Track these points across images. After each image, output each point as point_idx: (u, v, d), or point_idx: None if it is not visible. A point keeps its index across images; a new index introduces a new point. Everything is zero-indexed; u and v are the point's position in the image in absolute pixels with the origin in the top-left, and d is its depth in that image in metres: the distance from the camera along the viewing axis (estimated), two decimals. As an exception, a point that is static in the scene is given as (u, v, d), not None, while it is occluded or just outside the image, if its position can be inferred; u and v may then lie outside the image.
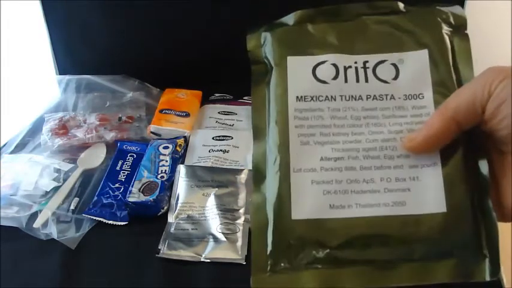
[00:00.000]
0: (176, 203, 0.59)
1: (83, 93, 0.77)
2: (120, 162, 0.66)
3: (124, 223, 0.58)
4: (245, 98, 0.77)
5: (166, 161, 0.63)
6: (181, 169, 0.62)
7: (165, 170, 0.62)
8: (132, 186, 0.60)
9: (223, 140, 0.68)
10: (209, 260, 0.53)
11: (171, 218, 0.58)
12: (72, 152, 0.68)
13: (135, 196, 0.58)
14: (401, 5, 0.38)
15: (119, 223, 0.58)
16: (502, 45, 0.78)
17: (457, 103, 0.32)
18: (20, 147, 0.70)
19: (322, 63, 0.37)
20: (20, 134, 0.72)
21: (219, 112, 0.74)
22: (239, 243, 0.54)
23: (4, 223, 0.58)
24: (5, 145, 0.70)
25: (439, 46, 0.36)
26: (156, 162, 0.63)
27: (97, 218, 0.58)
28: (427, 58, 0.36)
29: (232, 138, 0.68)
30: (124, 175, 0.64)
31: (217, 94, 0.79)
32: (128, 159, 0.66)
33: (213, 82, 0.78)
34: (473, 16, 0.38)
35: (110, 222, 0.58)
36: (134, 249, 0.55)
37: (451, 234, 0.32)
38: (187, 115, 0.72)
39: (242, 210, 0.57)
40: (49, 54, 0.80)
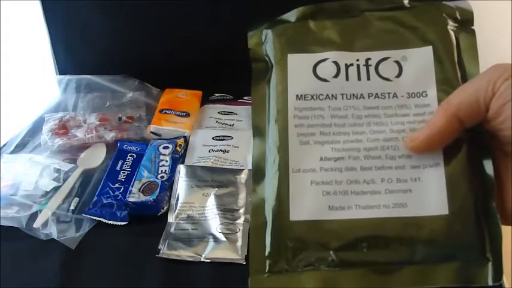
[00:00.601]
0: (176, 203, 0.59)
1: (83, 93, 0.77)
2: (120, 162, 0.66)
3: (124, 223, 0.58)
4: (245, 98, 0.77)
5: (166, 161, 0.63)
6: (181, 169, 0.62)
7: (165, 170, 0.62)
8: (132, 186, 0.60)
9: (223, 140, 0.68)
10: (209, 260, 0.53)
11: (171, 218, 0.58)
12: (72, 152, 0.68)
13: (135, 196, 0.58)
14: (405, 0, 0.37)
15: (119, 223, 0.58)
16: (502, 45, 0.78)
17: (460, 99, 0.31)
18: (20, 147, 0.70)
19: (323, 60, 0.36)
20: (20, 134, 0.72)
21: (219, 112, 0.74)
22: (239, 243, 0.54)
23: (4, 223, 0.58)
24: (5, 145, 0.70)
25: (444, 42, 0.36)
26: (156, 162, 0.63)
27: (97, 218, 0.58)
28: (431, 55, 0.35)
29: (232, 138, 0.68)
30: (124, 175, 0.64)
31: (217, 94, 0.79)
32: (128, 159, 0.66)
33: (213, 82, 0.78)
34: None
35: (110, 222, 0.58)
36: (134, 249, 0.55)
37: (454, 237, 0.31)
38: (187, 115, 0.72)
39: (242, 210, 0.57)
40: (49, 54, 0.80)
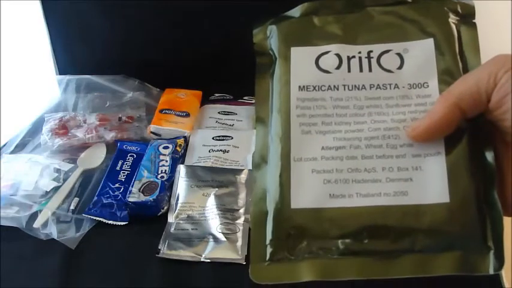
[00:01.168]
0: (176, 203, 0.59)
1: (83, 93, 0.77)
2: (120, 162, 0.66)
3: (124, 223, 0.58)
4: (245, 98, 0.77)
5: (166, 161, 0.63)
6: (181, 169, 0.62)
7: (165, 170, 0.62)
8: (132, 186, 0.60)
9: (223, 140, 0.68)
10: (209, 260, 0.53)
11: (171, 218, 0.58)
12: (72, 152, 0.68)
13: (135, 196, 0.58)
14: None
15: (119, 223, 0.58)
16: (503, 45, 0.78)
17: (462, 89, 0.31)
18: (20, 147, 0.70)
19: (325, 53, 0.37)
20: (20, 134, 0.72)
21: (219, 112, 0.74)
22: (239, 243, 0.54)
23: (4, 223, 0.58)
24: (5, 145, 0.70)
25: (445, 35, 0.36)
26: (156, 162, 0.63)
27: (97, 218, 0.58)
28: (433, 47, 0.36)
29: (232, 138, 0.68)
30: (124, 175, 0.64)
31: (217, 94, 0.79)
32: (128, 159, 0.66)
33: (213, 82, 0.78)
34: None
35: (110, 222, 0.58)
36: (134, 249, 0.55)
37: (454, 225, 0.31)
38: (187, 115, 0.72)
39: (242, 210, 0.57)
40: (49, 54, 0.80)
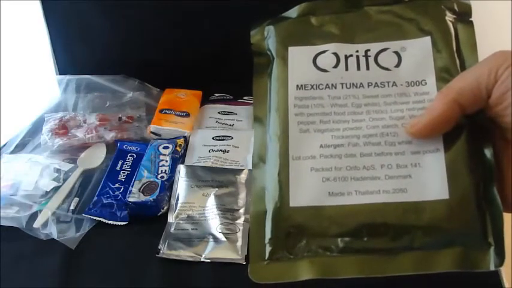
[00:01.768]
0: (176, 203, 0.59)
1: (83, 93, 0.77)
2: (120, 162, 0.66)
3: (124, 223, 0.58)
4: (245, 98, 0.77)
5: (166, 161, 0.63)
6: (181, 169, 0.62)
7: (165, 170, 0.62)
8: (132, 186, 0.60)
9: (223, 140, 0.68)
10: (209, 260, 0.53)
11: (171, 218, 0.58)
12: (72, 152, 0.68)
13: (135, 196, 0.58)
14: None
15: (119, 223, 0.58)
16: (503, 45, 0.78)
17: (462, 85, 0.31)
18: (20, 147, 0.70)
19: (323, 52, 0.37)
20: (20, 134, 0.72)
21: (219, 112, 0.74)
22: (239, 243, 0.54)
23: (4, 223, 0.58)
24: (5, 145, 0.70)
25: (442, 33, 0.36)
26: (156, 162, 0.63)
27: (97, 218, 0.58)
28: (430, 45, 0.36)
29: (232, 138, 0.68)
30: (124, 175, 0.64)
31: (217, 94, 0.79)
32: (128, 159, 0.66)
33: (213, 82, 0.78)
34: (473, 18, 0.38)
35: (110, 222, 0.58)
36: (134, 249, 0.55)
37: (454, 221, 0.31)
38: (187, 115, 0.72)
39: (242, 210, 0.57)
40: (49, 54, 0.80)
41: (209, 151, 0.66)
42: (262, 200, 0.34)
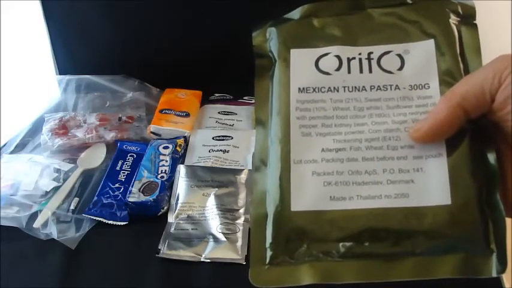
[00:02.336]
0: (176, 203, 0.59)
1: (83, 93, 0.77)
2: (120, 162, 0.66)
3: (124, 223, 0.58)
4: (245, 98, 0.77)
5: (166, 161, 0.63)
6: (181, 169, 0.62)
7: (165, 170, 0.62)
8: (132, 186, 0.60)
9: (223, 140, 0.68)
10: (209, 260, 0.53)
11: (171, 218, 0.58)
12: (72, 152, 0.68)
13: (135, 196, 0.58)
14: None
15: (119, 223, 0.58)
16: (503, 46, 0.78)
17: (465, 89, 0.31)
18: (20, 147, 0.70)
19: (325, 55, 0.37)
20: (20, 134, 0.72)
21: (219, 112, 0.74)
22: (239, 243, 0.54)
23: (4, 223, 0.58)
24: (5, 145, 0.70)
25: (446, 36, 0.36)
26: (156, 162, 0.63)
27: (97, 218, 0.58)
28: (434, 48, 0.36)
29: (232, 138, 0.68)
30: (124, 175, 0.64)
31: (217, 94, 0.79)
32: (128, 159, 0.66)
33: (213, 82, 0.78)
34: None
35: (110, 222, 0.58)
36: (134, 249, 0.55)
37: (456, 227, 0.31)
38: (187, 115, 0.72)
39: (242, 210, 0.57)
40: (49, 54, 0.80)
41: (209, 151, 0.66)
42: (263, 204, 0.34)
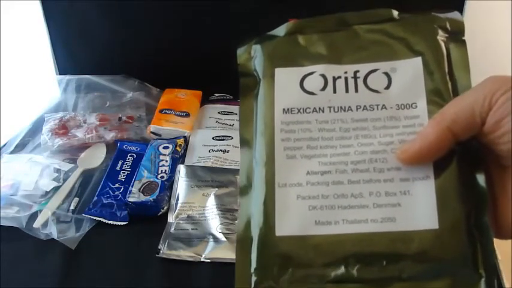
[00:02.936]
0: (176, 203, 0.59)
1: (83, 93, 0.77)
2: (120, 162, 0.66)
3: (124, 223, 0.58)
4: (245, 98, 0.77)
5: (166, 161, 0.63)
6: (181, 169, 0.62)
7: (165, 170, 0.62)
8: (132, 186, 0.60)
9: (223, 140, 0.68)
10: (209, 260, 0.53)
11: (171, 218, 0.58)
12: (72, 152, 0.68)
13: (135, 196, 0.58)
14: (395, 13, 0.37)
15: (119, 223, 0.58)
16: (503, 46, 0.78)
17: (455, 112, 0.30)
18: (20, 147, 0.70)
19: (310, 74, 0.36)
20: (20, 134, 0.72)
21: (219, 112, 0.74)
22: (239, 243, 0.54)
23: (4, 223, 0.58)
24: (5, 145, 0.70)
25: (434, 53, 0.35)
26: (156, 162, 0.63)
27: (97, 218, 0.58)
28: (421, 66, 0.35)
29: (232, 138, 0.68)
30: (124, 175, 0.64)
31: (217, 94, 0.79)
32: (128, 159, 0.66)
33: (213, 82, 0.78)
34: (473, 18, 0.37)
35: (110, 222, 0.58)
36: (134, 249, 0.55)
37: (444, 252, 0.31)
38: (187, 115, 0.72)
39: (242, 210, 0.57)
40: (49, 54, 0.80)
41: (209, 151, 0.66)
42: (248, 227, 0.33)
